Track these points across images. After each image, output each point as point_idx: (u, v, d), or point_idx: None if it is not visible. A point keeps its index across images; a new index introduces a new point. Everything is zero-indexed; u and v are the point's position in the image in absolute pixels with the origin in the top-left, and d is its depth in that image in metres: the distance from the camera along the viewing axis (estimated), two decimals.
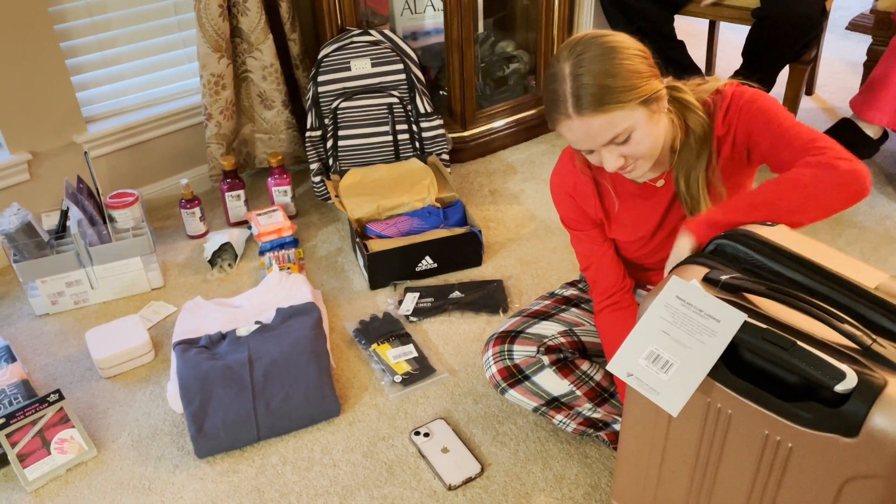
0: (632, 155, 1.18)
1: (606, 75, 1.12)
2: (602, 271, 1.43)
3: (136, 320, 1.78)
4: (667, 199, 1.34)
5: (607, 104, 1.12)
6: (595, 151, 1.18)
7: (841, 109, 2.72)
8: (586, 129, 1.14)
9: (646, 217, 1.38)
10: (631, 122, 1.14)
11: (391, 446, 1.52)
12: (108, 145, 2.19)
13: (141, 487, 1.45)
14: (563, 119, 1.15)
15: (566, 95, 1.13)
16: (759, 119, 1.22)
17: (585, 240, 1.44)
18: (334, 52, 2.18)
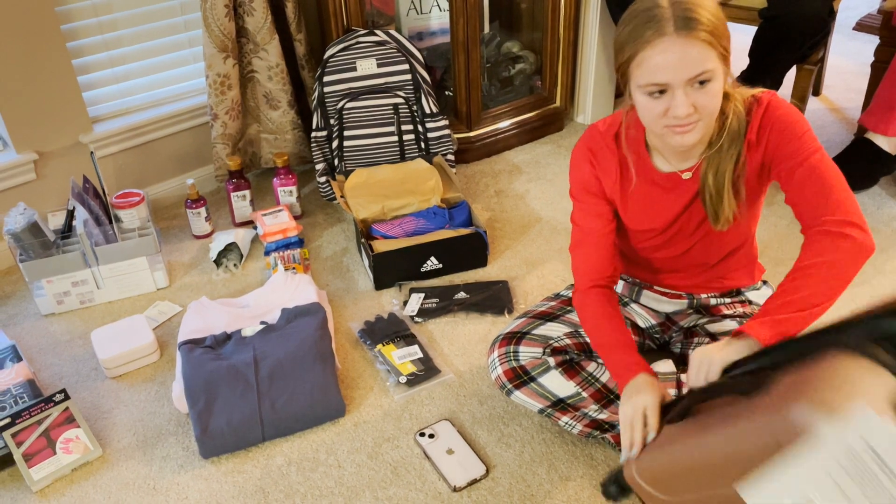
0: (702, 107, 1.15)
1: (713, 13, 1.12)
2: (596, 253, 1.39)
3: (141, 320, 1.78)
4: (689, 195, 1.34)
5: (711, 35, 1.11)
6: (667, 94, 1.14)
7: (848, 111, 2.71)
8: (683, 53, 1.10)
9: (662, 208, 1.37)
10: (714, 66, 1.13)
11: (396, 447, 1.51)
12: (114, 145, 2.19)
13: (146, 487, 1.45)
14: (656, 38, 1.11)
15: (669, 16, 1.11)
16: (791, 142, 1.23)
17: (591, 213, 1.39)
18: (340, 53, 2.18)
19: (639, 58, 1.14)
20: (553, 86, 2.63)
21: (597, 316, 1.37)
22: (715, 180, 1.28)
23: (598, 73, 2.67)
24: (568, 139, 2.66)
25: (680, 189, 1.34)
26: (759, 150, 1.27)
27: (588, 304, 1.38)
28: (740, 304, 1.55)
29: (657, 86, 1.14)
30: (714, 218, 1.32)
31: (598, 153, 1.37)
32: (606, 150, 1.36)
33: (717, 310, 1.55)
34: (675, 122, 1.16)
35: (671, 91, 1.14)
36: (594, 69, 2.64)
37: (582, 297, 1.39)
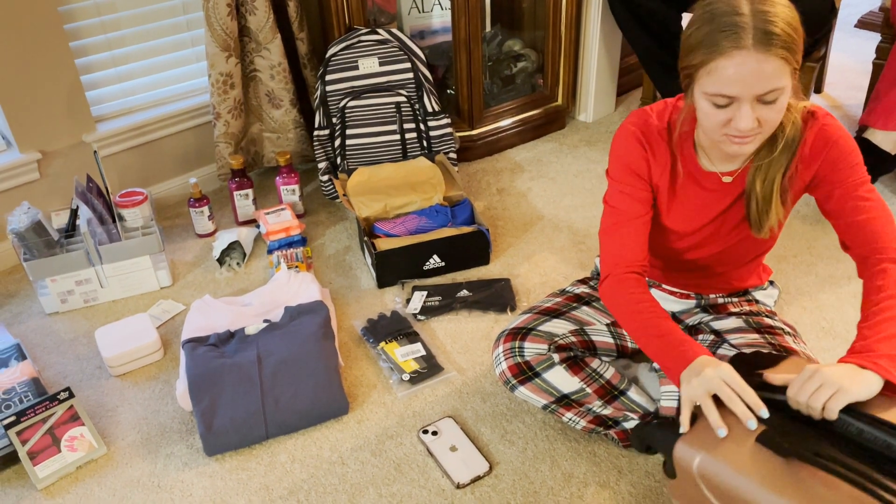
0: (766, 121, 1.14)
1: (793, 26, 1.10)
2: (635, 237, 1.31)
3: (145, 319, 1.79)
4: (729, 199, 1.33)
5: (787, 52, 1.09)
6: (734, 105, 1.12)
7: (850, 108, 2.71)
8: (758, 68, 1.08)
9: (702, 208, 1.35)
10: (785, 83, 1.11)
11: (399, 444, 1.52)
12: (117, 144, 2.20)
13: (150, 485, 1.46)
14: (735, 51, 1.08)
15: (749, 27, 1.07)
16: (846, 169, 1.23)
17: (632, 196, 1.32)
18: (342, 51, 2.18)
19: (711, 65, 1.11)
20: (555, 84, 2.63)
21: (636, 301, 1.27)
22: (763, 187, 1.27)
23: (600, 71, 2.67)
24: (570, 137, 2.66)
25: (721, 191, 1.33)
26: (811, 168, 1.27)
27: (625, 288, 1.29)
28: (747, 302, 1.55)
29: (725, 97, 1.12)
30: (758, 226, 1.31)
31: (651, 140, 1.33)
32: (660, 140, 1.32)
33: (724, 308, 1.55)
34: (735, 132, 1.15)
35: (738, 103, 1.12)
36: (596, 67, 2.64)
37: (617, 283, 1.30)
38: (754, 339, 1.44)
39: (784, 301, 1.85)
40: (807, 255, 2.00)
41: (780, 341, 1.42)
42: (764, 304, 1.56)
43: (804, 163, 1.27)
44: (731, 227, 1.37)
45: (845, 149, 1.25)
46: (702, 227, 1.38)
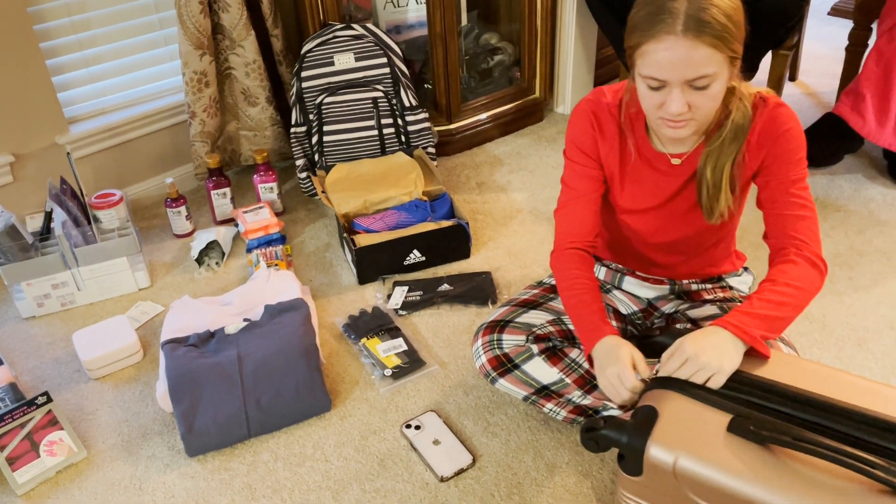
0: (698, 107, 1.16)
1: (727, 16, 1.10)
2: (582, 214, 1.38)
3: (123, 321, 1.77)
4: (680, 181, 1.34)
5: (719, 40, 1.10)
6: (665, 89, 1.14)
7: (824, 95, 2.73)
8: (687, 54, 1.10)
9: (653, 189, 1.37)
10: (717, 70, 1.12)
11: (383, 440, 1.52)
12: (91, 146, 2.18)
13: (132, 487, 1.45)
14: (664, 35, 1.10)
15: (681, 13, 1.09)
16: (791, 163, 1.25)
17: (582, 174, 1.38)
18: (317, 48, 2.17)
19: (643, 48, 1.14)
20: (532, 77, 2.64)
21: (572, 278, 1.35)
22: (713, 174, 1.28)
23: (577, 63, 2.67)
24: (548, 130, 2.67)
25: (671, 173, 1.34)
26: (759, 156, 1.28)
27: (564, 263, 1.37)
28: (721, 289, 1.56)
29: (657, 80, 1.14)
30: (709, 212, 1.32)
31: (602, 119, 1.35)
32: (610, 119, 1.34)
33: (699, 295, 1.56)
34: (668, 116, 1.17)
35: (669, 87, 1.14)
36: (572, 59, 2.65)
37: (559, 256, 1.38)
38: None
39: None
40: None
41: None
42: (738, 290, 1.57)
43: (752, 151, 1.28)
44: (685, 210, 1.38)
45: (791, 143, 1.26)
46: (656, 206, 1.39)
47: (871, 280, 1.87)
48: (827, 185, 2.22)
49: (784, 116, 1.26)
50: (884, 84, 2.06)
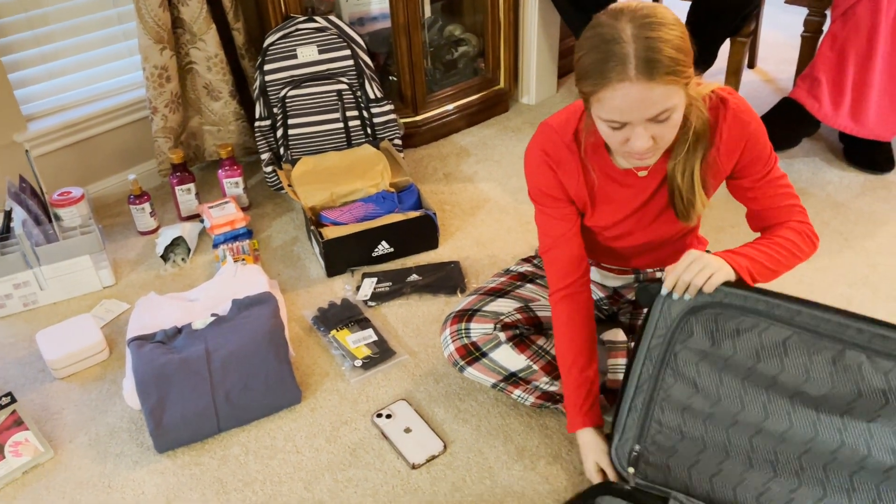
0: (661, 137, 1.15)
1: (677, 48, 1.08)
2: (566, 255, 1.39)
3: (88, 319, 1.75)
4: (650, 190, 1.35)
5: (672, 75, 1.08)
6: (627, 127, 1.13)
7: (782, 81, 2.79)
8: (644, 96, 1.08)
9: (622, 203, 1.38)
10: (677, 101, 1.12)
11: (354, 430, 1.52)
12: (51, 143, 2.14)
13: (101, 486, 1.43)
14: (616, 82, 1.08)
15: (630, 57, 1.07)
16: (756, 148, 1.29)
17: (556, 217, 1.38)
18: (280, 41, 2.16)
19: (600, 94, 1.11)
20: (496, 67, 2.65)
21: (565, 346, 1.39)
22: (684, 179, 1.29)
23: (541, 53, 2.69)
24: (514, 120, 2.68)
25: (639, 186, 1.35)
26: (732, 158, 1.30)
27: (556, 312, 1.40)
28: None
29: (616, 122, 1.13)
30: (685, 216, 1.34)
31: (558, 156, 1.34)
32: (566, 151, 1.33)
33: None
34: (633, 151, 1.17)
35: (631, 126, 1.13)
36: (536, 50, 2.67)
37: (557, 302, 1.40)
38: None
39: None
40: (743, 224, 2.06)
41: None
42: None
43: (723, 154, 1.29)
44: (655, 215, 1.40)
45: (760, 139, 1.29)
46: (625, 218, 1.40)
47: (829, 260, 1.91)
48: (786, 169, 2.27)
49: (746, 113, 1.27)
50: (838, 68, 2.11)
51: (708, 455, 1.22)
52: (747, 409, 1.17)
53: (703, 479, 1.23)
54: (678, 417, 1.24)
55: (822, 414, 1.12)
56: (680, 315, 1.20)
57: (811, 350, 1.12)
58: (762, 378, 1.16)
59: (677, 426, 1.24)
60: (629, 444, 1.29)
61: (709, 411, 1.21)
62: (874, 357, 1.08)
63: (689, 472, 1.25)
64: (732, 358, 1.18)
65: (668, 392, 1.24)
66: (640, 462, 1.29)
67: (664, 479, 1.28)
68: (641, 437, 1.28)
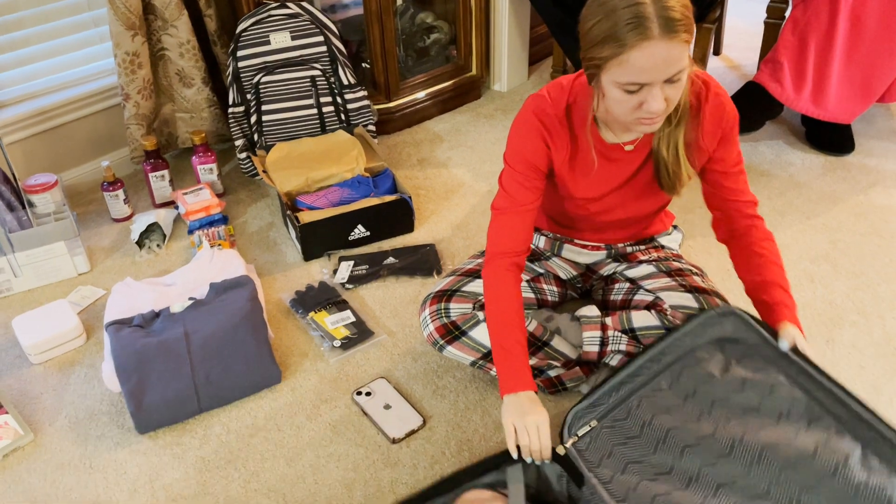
0: (672, 99, 1.19)
1: (684, 5, 1.13)
2: (521, 224, 1.39)
3: (64, 305, 1.75)
4: (636, 164, 1.39)
5: (687, 32, 1.12)
6: (644, 89, 1.16)
7: (747, 67, 2.86)
8: (667, 55, 1.11)
9: (608, 177, 1.42)
10: (687, 62, 1.16)
11: (334, 407, 1.54)
12: (21, 130, 2.12)
13: (82, 466, 1.44)
14: (642, 41, 1.11)
15: (653, 16, 1.10)
16: (732, 135, 1.35)
17: (525, 185, 1.39)
18: (252, 27, 2.16)
19: (622, 57, 1.13)
20: (468, 55, 2.68)
21: (503, 305, 1.35)
22: (669, 152, 1.34)
23: (512, 41, 2.73)
24: (486, 107, 2.72)
25: (626, 160, 1.39)
26: (714, 139, 1.35)
27: (499, 283, 1.37)
28: (654, 249, 1.64)
29: (636, 84, 1.16)
30: (670, 187, 1.38)
31: (552, 129, 1.36)
32: (559, 125, 1.36)
33: (634, 256, 1.63)
34: (647, 115, 1.19)
35: (648, 88, 1.16)
36: (507, 38, 2.70)
37: (495, 273, 1.38)
38: (667, 283, 1.53)
39: (690, 248, 1.96)
40: None
41: (690, 281, 1.51)
42: (669, 248, 1.66)
43: (706, 134, 1.35)
44: (640, 189, 1.45)
45: (734, 124, 1.35)
46: (611, 191, 1.45)
47: (791, 238, 1.98)
48: (750, 151, 2.34)
49: (725, 97, 1.34)
50: (799, 52, 2.17)
51: (653, 461, 1.19)
52: (708, 446, 1.17)
53: (634, 480, 1.19)
54: (648, 416, 1.24)
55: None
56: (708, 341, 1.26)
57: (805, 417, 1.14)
58: (733, 429, 1.17)
59: (642, 423, 1.24)
60: (592, 416, 1.29)
61: (678, 425, 1.20)
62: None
63: (624, 468, 1.22)
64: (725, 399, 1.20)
65: (655, 393, 1.26)
66: (587, 436, 1.28)
67: (597, 462, 1.25)
68: (606, 417, 1.29)
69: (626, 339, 1.48)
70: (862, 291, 1.79)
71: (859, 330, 1.68)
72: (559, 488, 1.26)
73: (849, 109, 2.23)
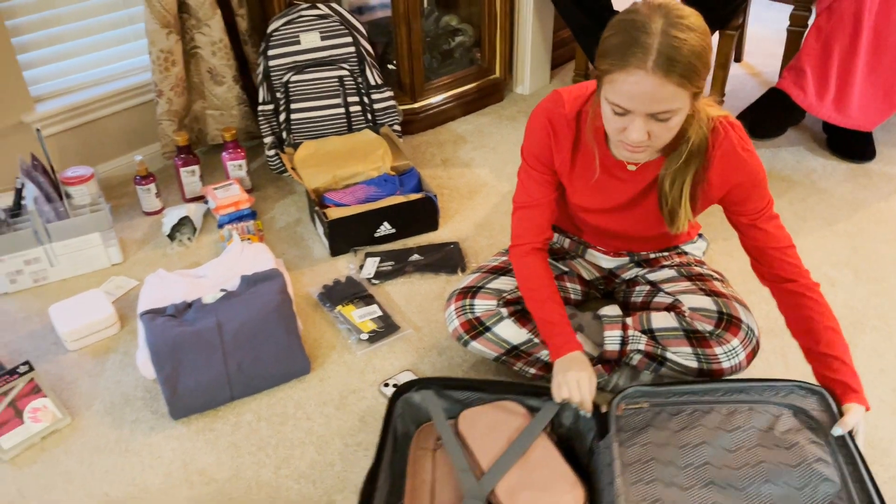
0: (656, 136, 1.20)
1: (697, 55, 1.12)
2: (540, 217, 1.47)
3: (99, 294, 1.79)
4: (638, 188, 1.41)
5: (685, 80, 1.12)
6: (629, 115, 1.18)
7: (767, 74, 2.88)
8: (653, 91, 1.13)
9: (611, 193, 1.44)
10: (680, 106, 1.16)
11: (362, 398, 1.58)
12: (57, 124, 2.18)
13: (118, 450, 1.48)
14: (634, 69, 1.12)
15: (653, 50, 1.11)
16: (750, 184, 1.34)
17: (537, 181, 1.46)
18: (283, 27, 2.21)
19: (612, 76, 1.16)
20: (492, 58, 2.72)
21: (535, 283, 1.45)
22: (672, 189, 1.35)
23: (535, 44, 2.76)
24: (509, 109, 2.75)
25: (629, 180, 1.41)
26: (722, 189, 1.35)
27: (528, 266, 1.47)
28: (677, 255, 1.66)
29: (620, 107, 1.19)
30: (670, 223, 1.40)
31: (558, 129, 1.40)
32: (566, 128, 1.40)
33: (657, 262, 1.66)
34: (627, 141, 1.23)
35: (632, 116, 1.19)
36: (531, 41, 2.74)
37: (521, 258, 1.48)
38: (687, 287, 1.56)
39: (711, 252, 1.98)
40: None
41: (710, 286, 1.54)
42: (693, 255, 1.68)
43: (714, 181, 1.34)
44: (643, 213, 1.46)
45: (755, 173, 1.34)
46: (615, 208, 1.47)
47: (813, 244, 2.00)
48: (772, 157, 2.36)
49: (741, 149, 1.32)
50: (823, 59, 2.20)
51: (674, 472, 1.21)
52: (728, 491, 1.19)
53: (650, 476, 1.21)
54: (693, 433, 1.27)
55: None
56: (786, 404, 1.29)
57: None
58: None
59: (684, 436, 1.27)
60: (647, 399, 1.32)
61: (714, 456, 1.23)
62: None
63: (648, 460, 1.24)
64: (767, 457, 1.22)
65: (710, 416, 1.28)
66: (633, 412, 1.32)
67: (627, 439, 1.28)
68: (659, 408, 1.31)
69: (645, 339, 1.51)
70: (883, 297, 1.81)
71: (880, 335, 1.70)
72: (584, 442, 1.33)
73: (871, 117, 2.25)
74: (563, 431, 1.36)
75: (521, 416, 1.32)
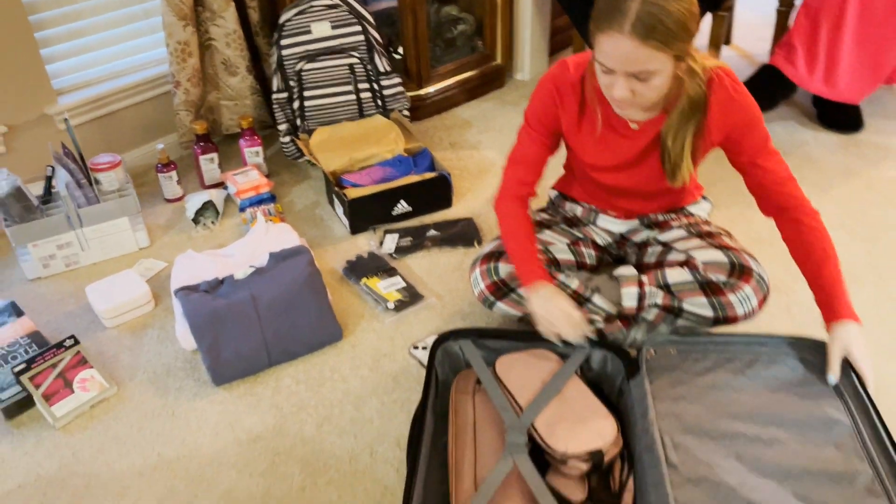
0: (640, 94, 1.31)
1: (673, 18, 1.21)
2: (531, 172, 1.60)
3: (132, 274, 1.86)
4: (640, 145, 1.50)
5: (660, 42, 1.22)
6: (614, 74, 1.29)
7: (757, 56, 2.99)
8: (629, 52, 1.22)
9: (615, 150, 1.54)
10: (660, 67, 1.26)
11: (394, 360, 1.66)
12: (78, 116, 2.24)
13: (165, 415, 1.56)
14: (612, 31, 1.22)
15: (630, 13, 1.20)
16: (754, 133, 1.44)
17: (535, 142, 1.58)
18: (295, 17, 2.29)
19: (597, 37, 1.27)
20: (493, 45, 2.81)
21: (514, 225, 1.58)
22: (674, 144, 1.45)
23: (534, 32, 2.86)
24: (510, 94, 2.84)
25: (632, 137, 1.51)
26: (722, 131, 1.45)
27: (512, 212, 1.60)
28: (685, 216, 1.76)
29: (604, 66, 1.29)
30: (671, 177, 1.50)
31: (564, 94, 1.51)
32: (571, 92, 1.50)
33: (666, 224, 1.75)
34: (614, 97, 1.33)
35: (616, 75, 1.29)
36: (530, 29, 2.83)
37: (507, 204, 1.60)
38: (697, 244, 1.65)
39: (716, 217, 2.08)
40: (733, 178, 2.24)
41: (720, 242, 1.63)
42: (698, 216, 1.77)
43: (713, 127, 1.45)
44: (648, 169, 1.56)
45: (750, 113, 1.44)
46: (620, 166, 1.57)
47: None
48: None
49: (738, 92, 1.42)
50: (812, 35, 2.31)
51: (700, 412, 1.28)
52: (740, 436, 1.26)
53: (678, 410, 1.28)
54: (712, 378, 1.36)
55: None
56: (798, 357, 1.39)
57: None
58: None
59: (705, 379, 1.36)
60: (674, 345, 1.43)
61: (732, 398, 1.31)
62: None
63: (677, 398, 1.31)
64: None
65: (731, 364, 1.38)
66: (662, 356, 1.41)
67: (654, 378, 1.36)
68: (685, 354, 1.41)
69: (661, 293, 1.59)
70: (877, 256, 1.92)
71: (877, 289, 1.81)
72: (613, 384, 1.45)
73: (858, 89, 2.36)
74: (591, 375, 1.46)
75: (554, 361, 1.41)
